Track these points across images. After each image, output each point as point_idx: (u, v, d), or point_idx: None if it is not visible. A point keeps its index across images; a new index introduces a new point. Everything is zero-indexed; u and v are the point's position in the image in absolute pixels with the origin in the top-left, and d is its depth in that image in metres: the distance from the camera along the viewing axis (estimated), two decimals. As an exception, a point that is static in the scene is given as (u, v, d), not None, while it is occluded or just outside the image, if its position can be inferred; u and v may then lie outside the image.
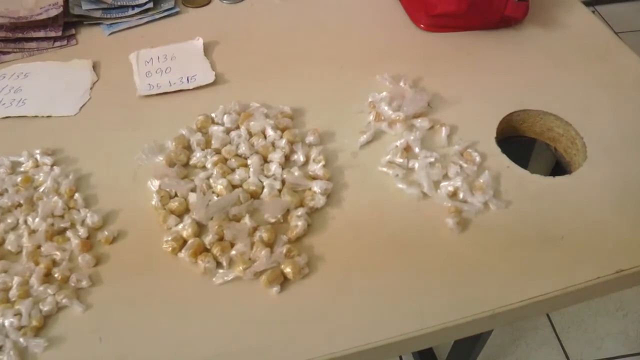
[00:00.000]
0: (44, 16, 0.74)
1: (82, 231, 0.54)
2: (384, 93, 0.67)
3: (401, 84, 0.68)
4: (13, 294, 0.51)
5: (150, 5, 0.79)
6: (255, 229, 0.54)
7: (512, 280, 0.52)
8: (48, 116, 0.67)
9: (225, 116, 0.63)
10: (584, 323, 1.32)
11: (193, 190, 0.57)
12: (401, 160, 0.61)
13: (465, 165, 0.60)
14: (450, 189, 0.58)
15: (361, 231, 0.56)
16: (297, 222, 0.54)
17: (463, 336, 0.52)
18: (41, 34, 0.75)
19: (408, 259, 0.54)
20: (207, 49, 0.74)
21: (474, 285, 0.52)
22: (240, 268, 0.51)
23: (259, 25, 0.79)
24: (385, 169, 0.60)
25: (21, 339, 0.48)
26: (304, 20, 0.81)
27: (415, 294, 0.51)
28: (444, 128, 0.63)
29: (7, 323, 0.49)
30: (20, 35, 0.75)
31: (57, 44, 0.76)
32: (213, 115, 0.64)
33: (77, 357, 0.49)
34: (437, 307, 0.50)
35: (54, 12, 0.74)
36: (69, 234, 0.55)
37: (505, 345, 1.29)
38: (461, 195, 0.58)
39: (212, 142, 0.61)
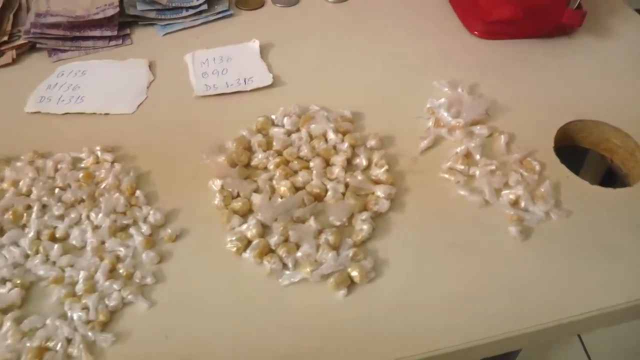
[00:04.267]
0: (100, 16, 0.74)
1: (144, 228, 0.54)
2: (443, 99, 0.66)
3: (459, 90, 0.67)
4: (79, 288, 0.51)
5: (205, 7, 0.79)
6: (320, 232, 0.53)
7: (576, 291, 0.51)
8: (106, 114, 0.67)
9: (286, 118, 0.63)
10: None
11: (256, 191, 0.56)
12: (462, 167, 0.60)
13: (525, 173, 0.58)
14: (512, 197, 0.57)
15: (424, 237, 0.55)
16: (363, 226, 0.54)
17: (523, 346, 0.50)
18: (97, 33, 0.75)
19: (471, 266, 0.53)
20: (263, 51, 0.74)
21: (537, 295, 0.51)
22: (308, 270, 0.50)
23: (313, 29, 0.79)
24: (446, 175, 0.59)
25: (89, 333, 0.48)
26: (357, 24, 0.80)
27: (479, 301, 0.51)
28: (502, 136, 0.62)
29: (75, 317, 0.49)
30: (77, 33, 0.75)
31: (113, 43, 0.76)
32: (273, 117, 0.63)
33: (143, 353, 0.48)
34: (500, 316, 0.50)
35: (110, 12, 0.75)
36: (132, 230, 0.54)
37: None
38: (523, 204, 0.57)
39: (274, 143, 0.60)
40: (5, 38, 0.75)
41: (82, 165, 0.61)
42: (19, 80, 0.73)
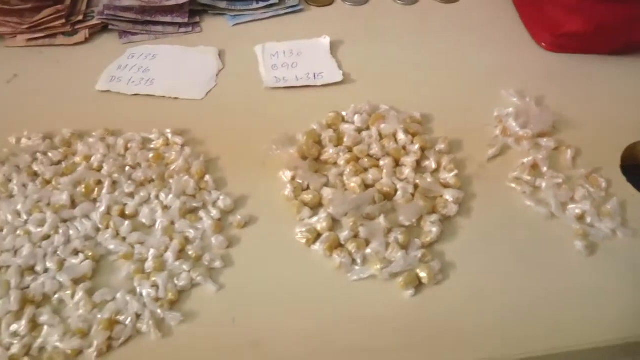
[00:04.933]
0: (172, 2, 0.75)
1: (214, 213, 0.54)
2: (510, 109, 0.66)
3: (527, 100, 0.67)
4: (149, 265, 0.51)
5: (276, 0, 0.79)
6: (389, 230, 0.53)
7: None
8: (175, 98, 0.67)
9: (356, 116, 0.63)
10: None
11: (326, 185, 0.56)
12: (528, 177, 0.59)
13: (591, 189, 0.58)
14: (578, 211, 0.56)
15: (490, 243, 0.55)
16: (432, 228, 0.53)
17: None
18: (168, 19, 0.76)
19: (536, 276, 0.52)
20: (332, 48, 0.74)
21: (600, 311, 0.50)
22: (378, 267, 0.50)
23: (381, 29, 0.79)
24: (513, 185, 0.59)
25: (159, 310, 0.48)
26: (425, 27, 0.80)
27: (541, 312, 0.50)
28: (569, 150, 0.62)
29: (144, 293, 0.49)
30: (148, 18, 0.76)
31: (182, 29, 0.76)
32: (344, 113, 0.63)
33: (210, 334, 0.48)
34: (562, 329, 0.49)
35: (182, 0, 0.75)
36: (201, 214, 0.54)
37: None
38: (589, 220, 0.56)
39: (345, 140, 0.60)
40: (80, 17, 0.76)
41: (152, 146, 0.61)
42: (90, 58, 0.74)
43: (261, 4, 0.79)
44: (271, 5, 0.79)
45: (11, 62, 0.74)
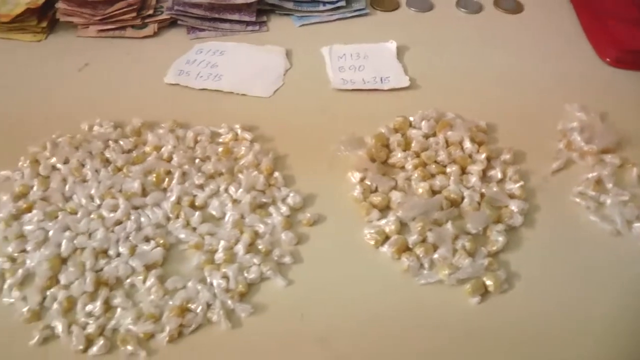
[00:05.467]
0: (241, 1, 0.76)
1: (284, 209, 0.55)
2: (575, 123, 0.65)
3: (591, 115, 0.66)
4: (219, 257, 0.52)
5: (343, 3, 0.79)
6: (456, 237, 0.53)
7: None
8: (243, 94, 0.68)
9: (424, 122, 0.63)
10: None
11: (394, 188, 0.57)
12: (593, 193, 0.59)
13: (658, 210, 0.57)
14: (645, 231, 0.55)
15: (555, 256, 0.55)
16: (498, 238, 0.53)
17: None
18: (235, 17, 0.77)
19: (601, 293, 0.52)
20: (397, 53, 0.74)
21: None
22: (446, 272, 0.50)
23: (446, 36, 0.80)
24: (577, 199, 0.58)
25: (229, 301, 0.48)
26: (488, 37, 0.80)
27: (607, 331, 0.50)
28: (635, 168, 0.61)
29: (215, 283, 0.49)
30: (216, 15, 0.77)
31: (249, 28, 0.77)
32: (411, 118, 0.63)
33: (279, 328, 0.49)
34: (624, 346, 0.49)
35: (251, -1, 0.76)
36: (271, 209, 0.55)
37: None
38: (656, 240, 0.55)
39: (412, 145, 0.60)
40: (150, 12, 0.78)
41: (221, 140, 0.62)
42: (158, 52, 0.76)
43: (328, 6, 0.80)
44: (338, 8, 0.80)
45: (82, 52, 0.76)
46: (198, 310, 0.48)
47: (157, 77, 0.72)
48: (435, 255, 0.52)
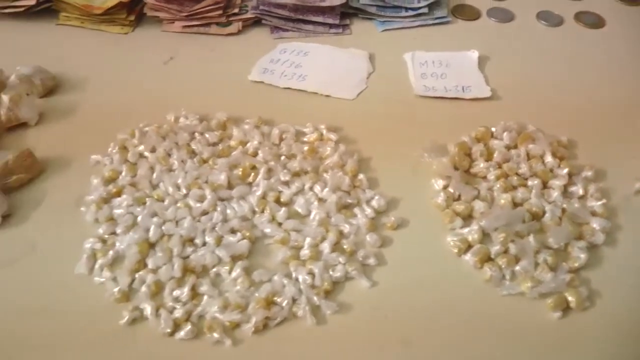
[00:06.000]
0: (327, 3, 0.77)
1: (368, 211, 0.56)
2: (658, 145, 0.64)
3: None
4: (304, 253, 0.53)
5: (425, 10, 0.80)
6: (537, 250, 0.53)
7: None
8: (327, 95, 0.69)
9: (505, 133, 0.63)
10: None
11: (476, 197, 0.57)
12: (675, 216, 0.58)
13: None
14: None
15: (637, 277, 0.54)
16: (580, 254, 0.53)
17: None
18: (319, 19, 0.78)
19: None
20: (478, 63, 0.74)
21: None
22: (528, 285, 0.51)
23: (526, 48, 0.80)
24: (659, 222, 0.57)
25: (315, 298, 0.49)
26: (569, 50, 0.80)
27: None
28: None
29: (300, 279, 0.51)
30: (300, 16, 0.78)
31: (332, 30, 0.79)
32: (493, 129, 0.63)
33: (363, 328, 0.49)
34: None
35: (337, 2, 0.77)
36: (356, 210, 0.55)
37: None
38: None
39: (494, 155, 0.60)
40: (236, 10, 0.79)
41: (305, 139, 0.63)
42: (241, 49, 0.78)
43: (410, 12, 0.80)
44: (420, 15, 0.81)
45: (167, 46, 0.79)
46: (284, 304, 0.49)
47: (240, 74, 0.73)
48: (517, 267, 0.52)
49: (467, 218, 0.57)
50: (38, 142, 0.65)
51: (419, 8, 0.81)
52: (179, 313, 0.49)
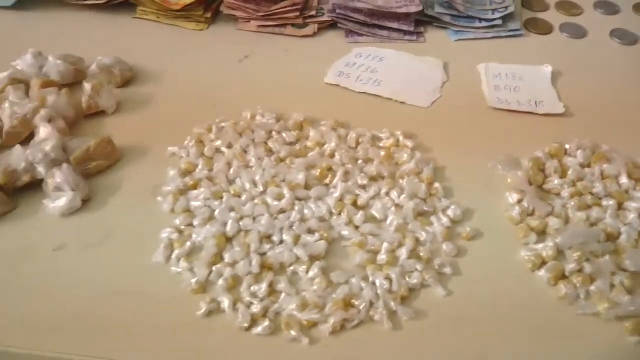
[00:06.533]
0: (403, 10, 0.78)
1: (444, 220, 0.56)
2: None
3: None
4: (381, 258, 0.53)
5: (499, 22, 0.80)
6: (613, 272, 0.53)
7: None
8: (402, 102, 0.69)
9: (579, 151, 0.63)
10: None
11: (550, 214, 0.57)
12: None
13: None
14: None
15: None
16: (659, 279, 0.53)
17: None
18: (395, 25, 0.79)
19: None
20: (551, 78, 0.74)
21: None
22: (605, 306, 0.50)
23: (599, 65, 0.79)
24: None
25: (392, 303, 0.50)
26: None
27: None
28: None
29: (378, 283, 0.51)
30: (376, 22, 0.79)
31: (407, 37, 0.79)
32: (566, 146, 0.63)
33: (438, 337, 0.50)
34: None
35: (414, 9, 0.78)
36: (432, 219, 0.56)
37: None
38: None
39: (569, 173, 0.60)
40: (313, 13, 0.80)
41: (381, 144, 0.63)
42: (316, 52, 0.79)
43: (484, 24, 0.80)
44: (494, 26, 0.81)
45: (242, 44, 0.80)
46: (361, 307, 0.50)
47: (315, 76, 0.74)
48: (592, 288, 0.52)
49: (541, 234, 0.57)
50: (115, 131, 0.67)
51: (493, 20, 0.81)
52: (256, 308, 0.50)
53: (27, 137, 0.66)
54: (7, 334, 0.51)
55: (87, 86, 0.69)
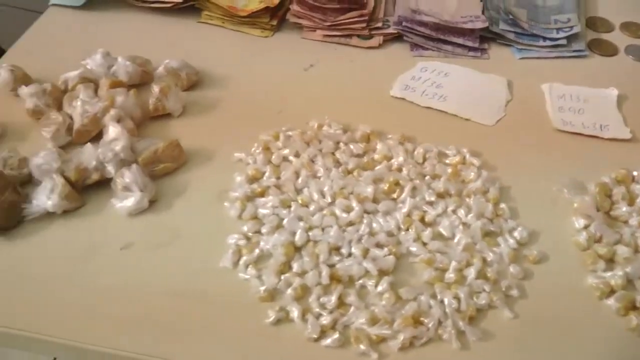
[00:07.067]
0: (469, 26, 0.78)
1: (511, 241, 0.56)
2: None
3: None
4: (449, 277, 0.54)
5: (563, 42, 0.80)
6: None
7: None
8: (467, 119, 0.70)
9: (645, 178, 0.62)
10: None
11: (619, 241, 0.57)
12: None
13: None
14: None
15: None
16: None
17: None
18: (459, 40, 0.79)
19: None
20: (616, 101, 0.74)
21: None
22: (678, 337, 0.50)
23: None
24: None
25: (460, 322, 0.50)
26: None
27: None
28: None
29: (446, 301, 0.52)
30: (440, 36, 0.80)
31: (471, 53, 0.79)
32: (634, 173, 0.63)
33: (504, 359, 0.50)
34: None
35: (479, 25, 0.78)
36: (499, 240, 0.56)
37: None
38: None
39: (638, 201, 0.60)
40: (379, 24, 0.81)
41: (448, 161, 0.64)
42: (381, 63, 0.80)
43: (548, 43, 0.80)
44: (557, 46, 0.80)
45: (307, 53, 0.81)
46: (430, 325, 0.51)
47: (380, 88, 0.75)
48: (672, 319, 0.52)
49: (609, 261, 0.57)
50: (180, 134, 0.68)
51: (557, 39, 0.80)
52: (325, 320, 0.51)
53: (94, 136, 0.68)
54: (73, 329, 0.53)
55: (156, 88, 0.70)
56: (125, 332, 0.52)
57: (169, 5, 0.84)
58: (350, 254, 0.56)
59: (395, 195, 0.60)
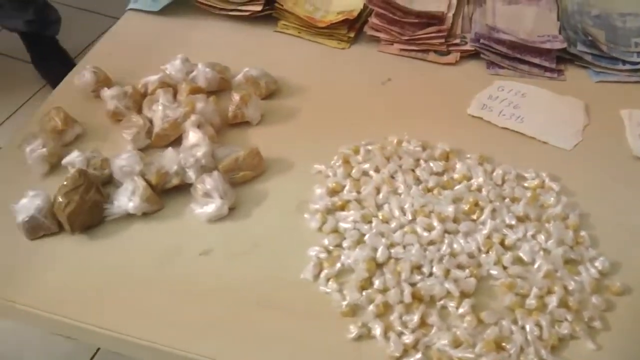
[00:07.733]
0: (547, 45, 0.78)
1: (592, 271, 0.56)
2: None
3: None
4: (530, 303, 0.54)
5: (645, 66, 0.79)
6: None
7: None
8: (544, 142, 0.70)
9: None
10: None
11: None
12: None
13: None
14: None
15: None
16: None
17: None
18: (536, 60, 0.79)
19: None
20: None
21: None
22: None
23: None
24: None
25: (543, 351, 0.51)
26: None
27: None
28: None
29: (528, 328, 0.52)
30: (517, 55, 0.80)
31: (547, 74, 0.79)
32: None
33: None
34: None
35: (558, 45, 0.78)
36: (580, 268, 0.56)
37: None
38: None
39: None
40: (457, 41, 0.81)
41: (526, 184, 0.64)
42: (457, 80, 0.80)
43: (628, 66, 0.80)
44: (637, 70, 0.80)
45: (384, 66, 0.82)
46: (512, 351, 0.51)
47: (457, 106, 0.76)
48: None
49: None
50: (258, 142, 0.70)
51: (638, 63, 0.79)
52: (408, 339, 0.52)
53: (172, 140, 0.70)
54: (152, 331, 0.55)
55: (236, 96, 0.72)
56: (203, 337, 0.54)
57: (247, 13, 0.86)
58: (431, 274, 0.56)
59: (475, 216, 0.60)
